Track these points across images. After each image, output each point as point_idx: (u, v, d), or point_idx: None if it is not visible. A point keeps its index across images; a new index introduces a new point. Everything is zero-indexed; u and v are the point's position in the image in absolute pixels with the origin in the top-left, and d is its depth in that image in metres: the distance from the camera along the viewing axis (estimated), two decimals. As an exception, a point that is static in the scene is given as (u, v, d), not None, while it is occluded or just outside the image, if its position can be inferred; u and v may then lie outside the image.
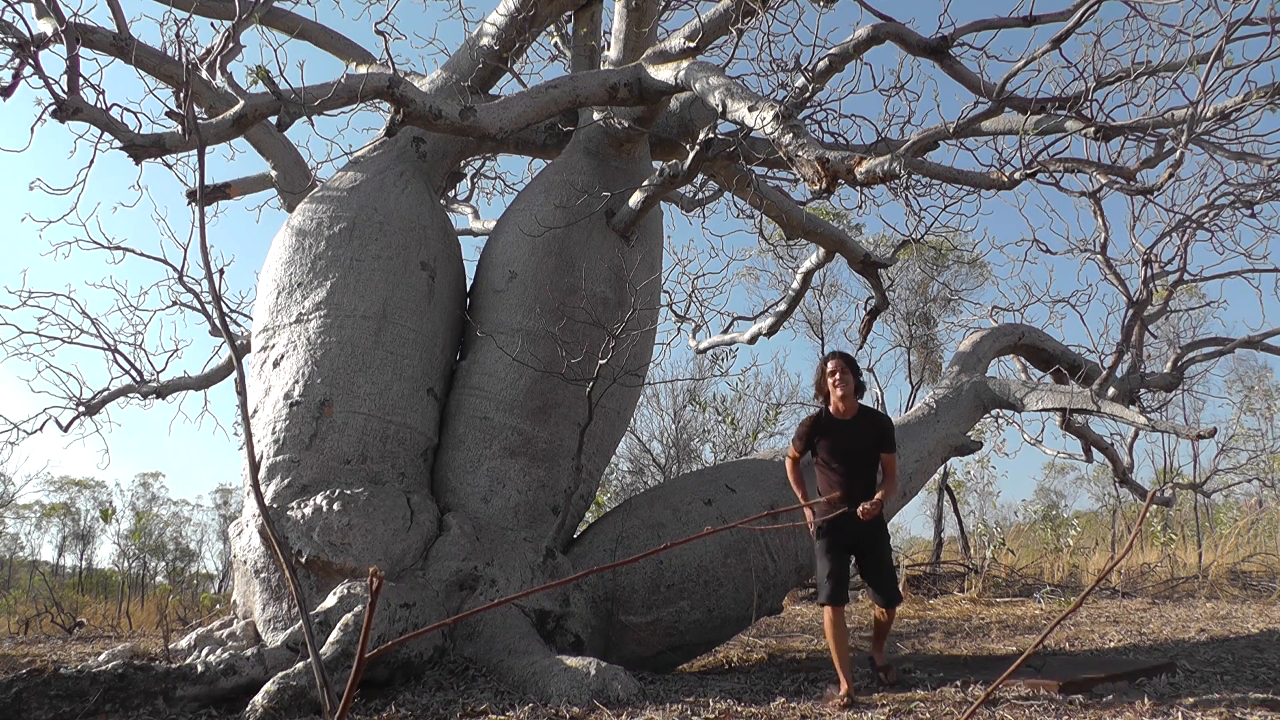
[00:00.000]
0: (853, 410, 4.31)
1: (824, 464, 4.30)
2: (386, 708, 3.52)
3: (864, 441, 4.26)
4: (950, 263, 12.60)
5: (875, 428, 4.30)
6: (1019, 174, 4.08)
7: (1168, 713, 3.27)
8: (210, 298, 2.07)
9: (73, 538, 28.34)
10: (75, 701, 3.34)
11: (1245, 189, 5.44)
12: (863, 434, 4.27)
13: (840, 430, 4.28)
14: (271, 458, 4.55)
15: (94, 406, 7.17)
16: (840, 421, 4.29)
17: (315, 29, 6.58)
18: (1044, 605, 7.96)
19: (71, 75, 4.27)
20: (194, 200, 6.36)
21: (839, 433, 4.28)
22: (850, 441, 4.25)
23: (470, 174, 8.42)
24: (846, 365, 4.29)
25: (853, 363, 4.34)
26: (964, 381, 6.00)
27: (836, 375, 4.27)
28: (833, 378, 4.27)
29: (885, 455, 4.30)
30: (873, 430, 4.29)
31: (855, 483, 4.19)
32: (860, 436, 4.27)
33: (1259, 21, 4.17)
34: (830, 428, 4.30)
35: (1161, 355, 8.41)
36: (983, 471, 14.68)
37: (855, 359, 4.40)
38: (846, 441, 4.25)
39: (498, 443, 4.87)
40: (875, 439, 4.28)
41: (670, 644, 4.81)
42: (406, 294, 5.01)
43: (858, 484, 4.19)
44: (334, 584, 4.21)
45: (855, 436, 4.26)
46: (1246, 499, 14.17)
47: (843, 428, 4.28)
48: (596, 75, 5.01)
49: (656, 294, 5.78)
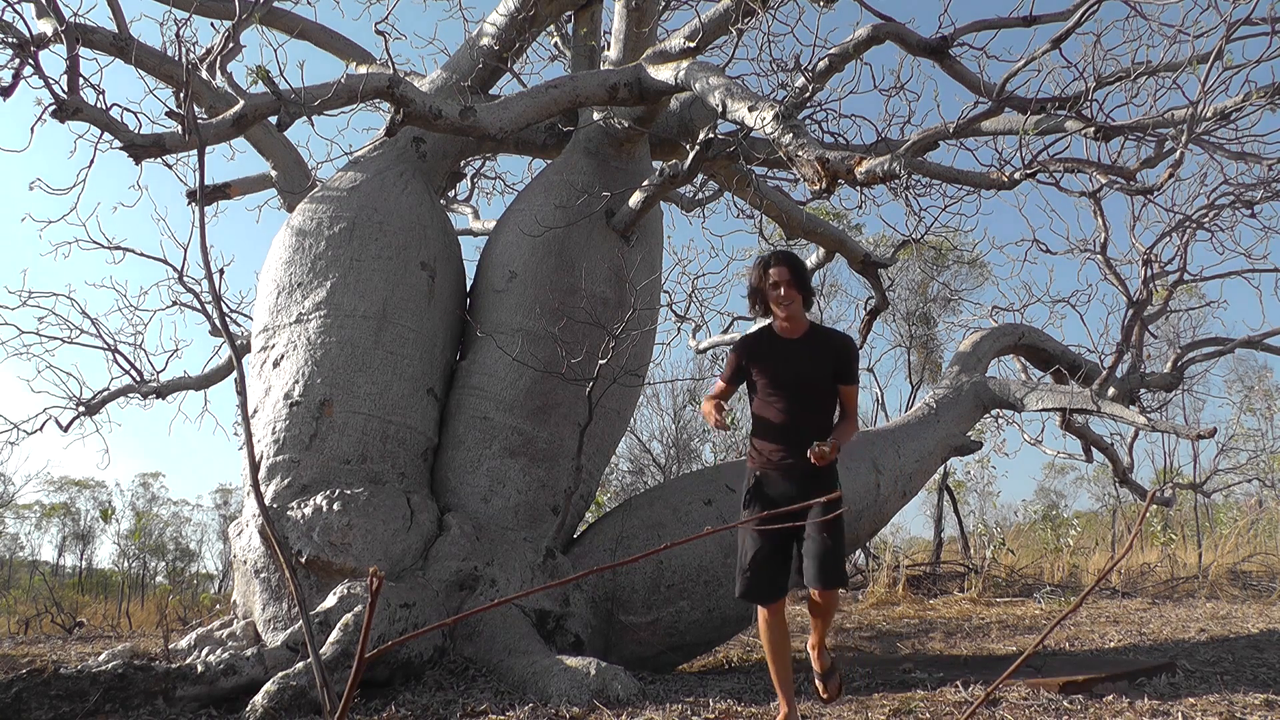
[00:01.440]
0: (801, 328, 3.34)
1: (763, 400, 3.34)
2: (386, 708, 3.52)
3: (816, 368, 3.29)
4: (950, 263, 12.59)
5: (831, 350, 3.31)
6: (1019, 174, 4.08)
7: (1168, 713, 3.27)
8: (210, 298, 2.07)
9: (73, 538, 28.33)
10: (75, 701, 3.34)
11: (1245, 189, 5.44)
12: (815, 358, 3.30)
13: (785, 353, 3.32)
14: (271, 458, 4.55)
15: (94, 406, 7.17)
16: (785, 342, 3.34)
17: (315, 29, 6.58)
18: (1044, 605, 7.96)
19: (71, 75, 4.27)
20: (194, 200, 6.36)
21: (783, 356, 3.32)
22: (797, 367, 3.29)
23: (470, 174, 8.42)
24: (792, 271, 3.28)
25: (800, 268, 3.34)
26: (964, 381, 6.00)
27: (780, 285, 3.25)
28: (775, 290, 3.27)
29: (844, 388, 3.34)
30: (828, 353, 3.30)
31: (803, 424, 3.20)
32: (811, 361, 3.30)
33: (1259, 21, 4.17)
34: (771, 350, 3.34)
35: (1161, 355, 8.40)
36: (983, 471, 14.67)
37: (803, 263, 3.42)
38: (793, 367, 3.29)
39: (498, 443, 4.87)
40: (831, 365, 3.30)
41: (670, 644, 4.81)
42: (406, 294, 5.01)
43: (807, 425, 3.19)
44: (334, 584, 4.21)
45: (804, 361, 3.29)
46: (1246, 499, 14.17)
47: (788, 350, 3.32)
48: (596, 75, 5.01)
49: (656, 294, 5.78)
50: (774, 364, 3.33)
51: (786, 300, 3.27)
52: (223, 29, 4.76)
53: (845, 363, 3.34)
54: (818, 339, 3.36)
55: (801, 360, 3.31)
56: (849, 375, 3.36)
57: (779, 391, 3.30)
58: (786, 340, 3.36)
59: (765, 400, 3.34)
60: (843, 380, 3.35)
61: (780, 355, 3.34)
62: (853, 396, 3.40)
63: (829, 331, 3.45)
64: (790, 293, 3.27)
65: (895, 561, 10.33)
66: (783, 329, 3.36)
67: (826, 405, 3.36)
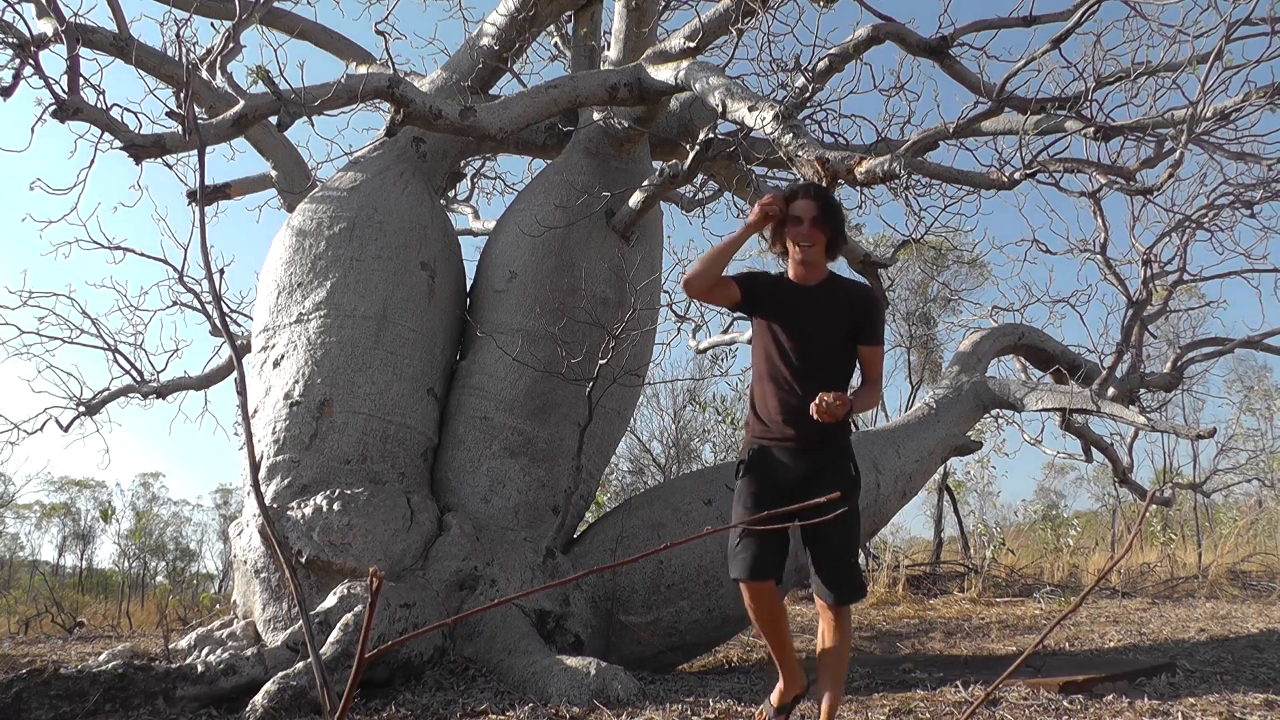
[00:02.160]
0: (819, 276, 2.89)
1: (766, 357, 2.88)
2: (386, 708, 3.52)
3: (832, 322, 2.83)
4: (950, 263, 12.59)
5: (851, 303, 2.86)
6: (1019, 174, 4.08)
7: (1168, 713, 3.27)
8: (210, 298, 2.07)
9: (73, 538, 28.32)
10: (75, 701, 3.34)
11: (1245, 189, 5.44)
12: (831, 311, 2.84)
13: (797, 301, 2.86)
14: (271, 458, 4.55)
15: (94, 406, 7.17)
16: (799, 289, 2.88)
17: (315, 29, 6.59)
18: (1044, 605, 7.96)
19: (71, 75, 4.27)
20: (194, 200, 6.36)
21: (794, 305, 2.86)
22: (810, 319, 2.84)
23: (470, 174, 8.42)
24: (821, 207, 2.82)
25: (832, 206, 2.87)
26: (964, 381, 6.00)
27: (804, 221, 2.82)
28: (797, 225, 2.83)
29: (865, 349, 2.88)
30: (847, 307, 2.85)
31: (814, 388, 2.70)
32: (827, 314, 2.84)
33: (1259, 21, 4.17)
34: (782, 296, 2.89)
35: (1161, 355, 8.41)
36: (983, 471, 14.68)
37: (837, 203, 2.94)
38: (804, 319, 2.84)
39: (498, 443, 4.87)
40: (850, 320, 2.84)
41: (670, 644, 4.81)
42: (406, 294, 5.01)
43: (818, 390, 2.66)
44: (334, 584, 4.21)
45: (819, 313, 2.84)
46: (1246, 499, 14.17)
47: (802, 298, 2.86)
48: (596, 75, 5.01)
49: (656, 294, 5.78)
50: (783, 312, 2.85)
51: (808, 240, 2.81)
52: (223, 29, 4.76)
53: (867, 318, 2.86)
54: (836, 290, 2.89)
55: (816, 312, 2.84)
56: (872, 333, 2.87)
57: (786, 347, 2.83)
58: (800, 287, 2.88)
59: (769, 357, 2.87)
60: (864, 339, 2.87)
61: (791, 303, 2.86)
62: (876, 360, 2.92)
63: (850, 282, 2.98)
64: (814, 232, 2.81)
65: (895, 561, 10.33)
66: (798, 275, 2.89)
67: (842, 368, 2.89)
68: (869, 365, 2.94)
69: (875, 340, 2.92)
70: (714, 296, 2.94)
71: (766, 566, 2.76)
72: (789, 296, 2.90)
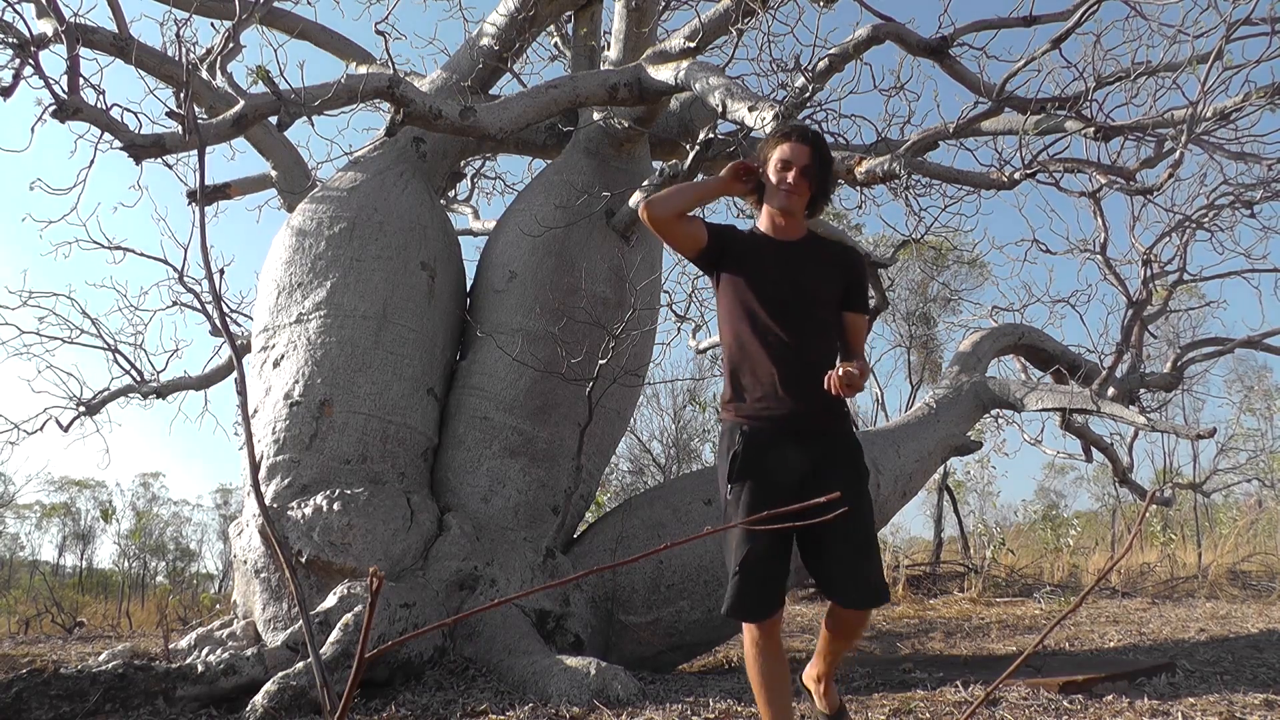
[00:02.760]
0: (798, 231, 2.56)
1: (747, 320, 2.45)
2: (386, 708, 3.52)
3: (825, 280, 2.51)
4: (950, 263, 12.59)
5: (843, 264, 2.57)
6: (1019, 174, 4.08)
7: (1168, 713, 3.27)
8: (210, 298, 2.08)
9: (73, 538, 28.33)
10: (75, 701, 3.34)
11: (1245, 189, 5.44)
12: (822, 268, 2.52)
13: (781, 255, 2.51)
14: (271, 458, 4.55)
15: (94, 406, 7.17)
16: (779, 243, 2.54)
17: (315, 29, 6.58)
18: (1044, 605, 7.96)
19: (71, 75, 4.27)
20: (194, 200, 6.37)
21: (779, 259, 2.50)
22: (800, 274, 2.48)
23: (470, 174, 8.42)
24: (815, 155, 2.47)
25: (827, 157, 2.53)
26: (964, 381, 6.00)
27: (794, 170, 2.45)
28: (784, 170, 2.47)
29: (852, 316, 2.56)
30: (839, 267, 2.55)
31: (810, 353, 2.41)
32: (818, 271, 2.51)
33: (1259, 21, 4.17)
34: (763, 249, 2.53)
35: (1161, 355, 8.41)
36: (983, 471, 14.68)
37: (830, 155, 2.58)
38: (794, 273, 2.48)
39: (498, 443, 4.87)
40: (844, 282, 2.54)
41: (670, 644, 4.81)
42: (406, 294, 5.01)
43: (815, 356, 2.40)
44: (334, 584, 4.22)
45: (810, 269, 2.50)
46: (1246, 499, 14.18)
47: (786, 252, 2.52)
48: (596, 75, 5.01)
49: (656, 294, 5.78)
50: (767, 266, 2.48)
51: (792, 188, 2.46)
52: (223, 29, 4.76)
53: (857, 282, 2.57)
54: (821, 247, 2.58)
55: (805, 267, 2.50)
56: (860, 299, 2.57)
57: (773, 306, 2.44)
58: (780, 242, 2.54)
59: (753, 316, 2.45)
60: (852, 305, 2.55)
61: (775, 257, 2.50)
62: (863, 330, 2.60)
63: (832, 240, 2.68)
64: (801, 182, 2.46)
65: (895, 561, 10.34)
66: (775, 227, 2.55)
67: (827, 332, 2.52)
68: (855, 335, 2.58)
69: (864, 307, 2.63)
70: (676, 233, 2.56)
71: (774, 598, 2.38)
72: (770, 250, 2.52)
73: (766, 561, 2.36)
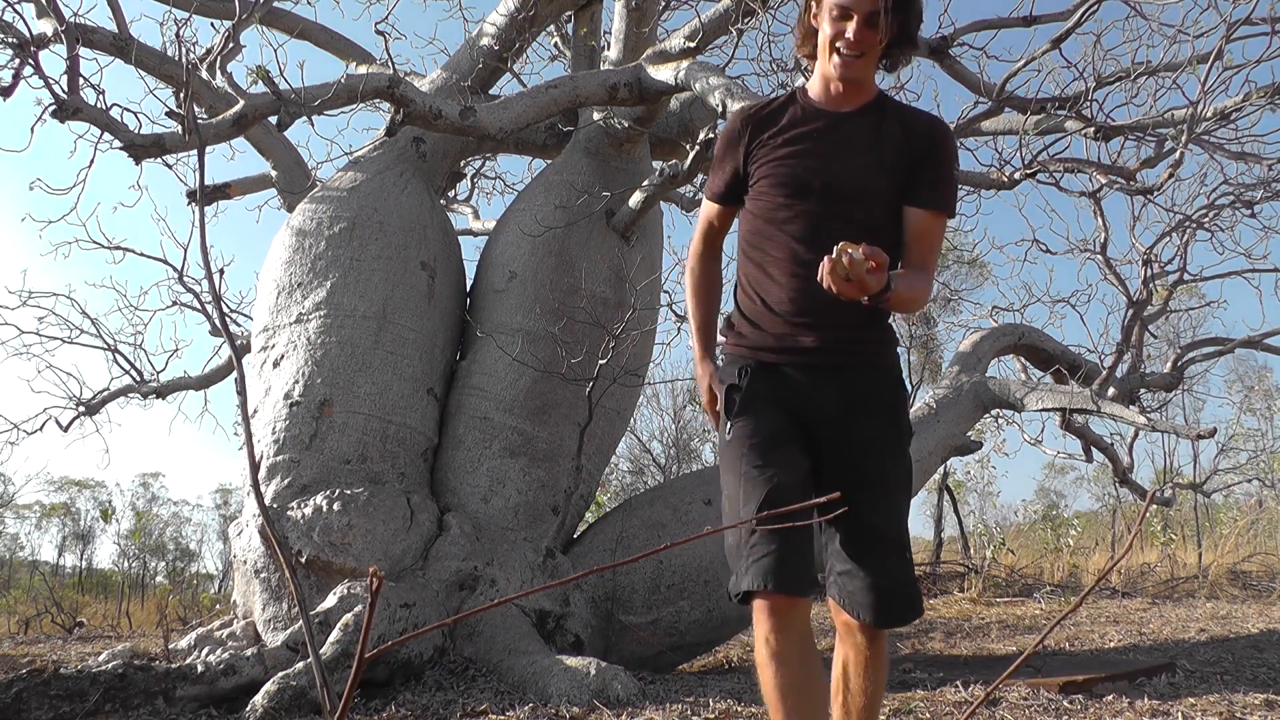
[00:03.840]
0: (863, 96, 1.92)
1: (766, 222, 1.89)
2: (386, 708, 3.52)
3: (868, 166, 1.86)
4: (950, 263, 12.59)
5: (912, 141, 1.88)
6: (1019, 174, 4.09)
7: (1168, 713, 3.27)
8: (210, 298, 2.07)
9: (73, 538, 28.33)
10: (75, 701, 3.34)
11: (1245, 189, 5.44)
12: (877, 147, 1.87)
13: (821, 132, 1.89)
14: (271, 458, 4.55)
15: (94, 406, 7.16)
16: (825, 115, 1.91)
17: (315, 29, 6.58)
18: (1044, 605, 7.96)
19: (71, 75, 4.27)
20: (194, 200, 6.37)
21: (810, 141, 1.88)
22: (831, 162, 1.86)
23: (470, 174, 8.42)
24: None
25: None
26: (964, 381, 6.00)
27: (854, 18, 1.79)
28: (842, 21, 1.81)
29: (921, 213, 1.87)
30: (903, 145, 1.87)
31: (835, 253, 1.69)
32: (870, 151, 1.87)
33: (1259, 21, 4.17)
34: (795, 126, 1.91)
35: (1161, 355, 8.41)
36: (983, 471, 14.68)
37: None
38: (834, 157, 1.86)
39: (498, 443, 4.87)
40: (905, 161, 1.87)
41: (670, 644, 4.81)
42: (406, 294, 5.01)
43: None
44: (334, 584, 4.22)
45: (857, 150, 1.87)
46: (1246, 499, 14.18)
47: (829, 127, 1.89)
48: (596, 75, 5.01)
49: (656, 294, 5.78)
50: (795, 153, 1.87)
51: (855, 45, 1.81)
52: (223, 29, 4.76)
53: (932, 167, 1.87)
54: (886, 116, 1.91)
55: (851, 146, 1.87)
56: (930, 191, 1.86)
57: (796, 202, 1.84)
58: (828, 114, 1.90)
59: (769, 219, 1.88)
60: (922, 198, 1.86)
61: (810, 139, 1.88)
62: (933, 236, 1.87)
63: (906, 109, 1.98)
64: (865, 35, 1.80)
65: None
66: (827, 94, 1.90)
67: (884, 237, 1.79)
68: (921, 242, 1.86)
69: (940, 204, 1.87)
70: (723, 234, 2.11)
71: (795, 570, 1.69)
72: (807, 128, 1.89)
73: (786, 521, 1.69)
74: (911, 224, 1.88)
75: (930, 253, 1.88)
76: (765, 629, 1.70)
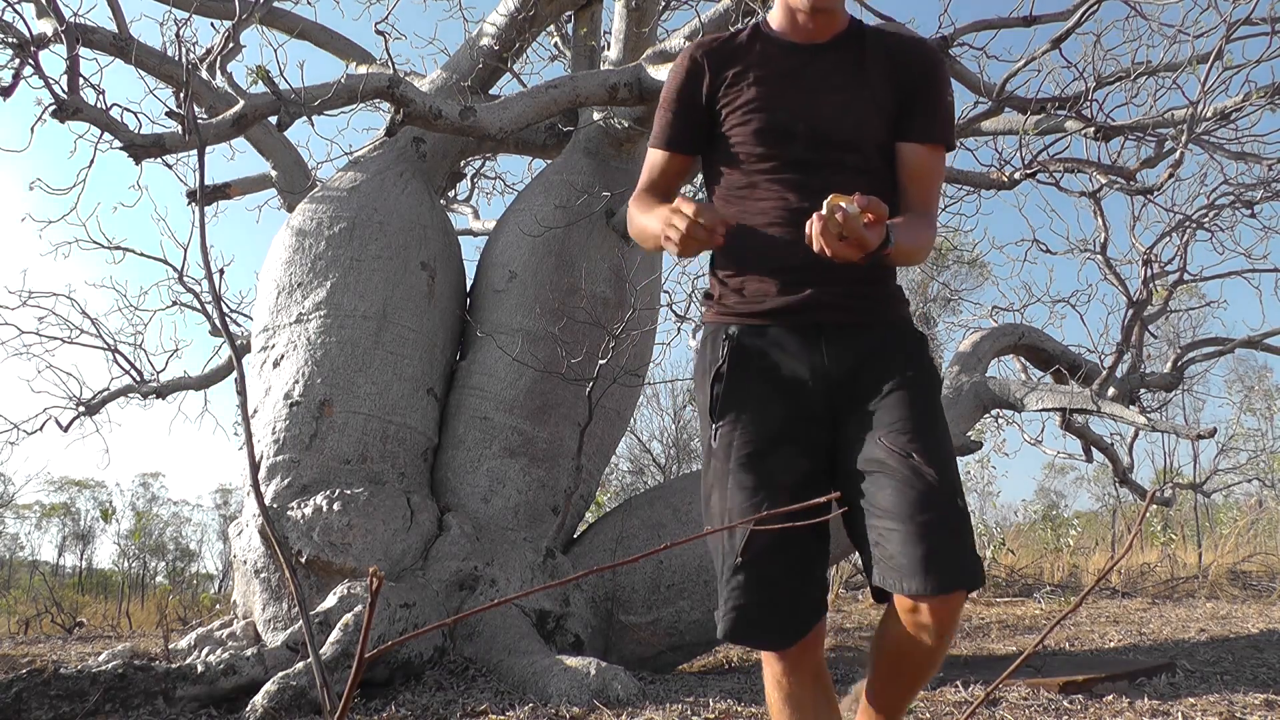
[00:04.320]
0: (833, 25, 1.68)
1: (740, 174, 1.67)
2: (386, 708, 3.52)
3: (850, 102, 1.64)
4: (950, 263, 12.60)
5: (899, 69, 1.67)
6: (1019, 174, 4.09)
7: (1168, 713, 3.27)
8: (210, 298, 2.08)
9: (73, 538, 28.34)
10: (75, 701, 3.34)
11: (1245, 189, 5.44)
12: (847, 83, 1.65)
13: (786, 73, 1.66)
14: (271, 458, 4.55)
15: (94, 406, 7.16)
16: (794, 48, 1.68)
17: (315, 29, 6.59)
18: (1044, 605, 7.96)
19: (71, 75, 4.27)
20: (194, 200, 6.37)
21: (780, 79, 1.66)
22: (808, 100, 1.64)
23: (470, 174, 8.42)
24: None
25: None
26: (964, 381, 6.00)
27: None
28: None
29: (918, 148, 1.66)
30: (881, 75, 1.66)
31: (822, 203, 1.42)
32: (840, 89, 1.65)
33: (1259, 21, 4.17)
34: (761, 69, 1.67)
35: (1161, 355, 8.41)
36: (983, 471, 14.68)
37: None
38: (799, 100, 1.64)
39: (498, 443, 4.87)
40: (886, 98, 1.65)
41: (670, 644, 4.81)
42: (406, 294, 5.01)
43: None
44: (334, 584, 4.22)
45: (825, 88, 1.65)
46: (1246, 499, 14.18)
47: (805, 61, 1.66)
48: (596, 75, 5.01)
49: (656, 294, 5.78)
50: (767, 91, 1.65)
51: None
52: (223, 29, 4.76)
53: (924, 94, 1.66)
54: (862, 46, 1.68)
55: (828, 82, 1.65)
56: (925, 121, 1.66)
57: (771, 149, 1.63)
58: (800, 48, 1.68)
59: (749, 174, 1.65)
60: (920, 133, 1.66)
61: (780, 77, 1.65)
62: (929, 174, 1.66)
63: (886, 33, 1.73)
64: None
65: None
66: (797, 26, 1.67)
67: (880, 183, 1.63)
68: (921, 182, 1.66)
69: (938, 135, 1.67)
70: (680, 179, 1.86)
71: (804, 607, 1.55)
72: (775, 65, 1.66)
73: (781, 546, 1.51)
74: (908, 162, 1.65)
75: (932, 193, 1.67)
76: (776, 670, 1.60)
